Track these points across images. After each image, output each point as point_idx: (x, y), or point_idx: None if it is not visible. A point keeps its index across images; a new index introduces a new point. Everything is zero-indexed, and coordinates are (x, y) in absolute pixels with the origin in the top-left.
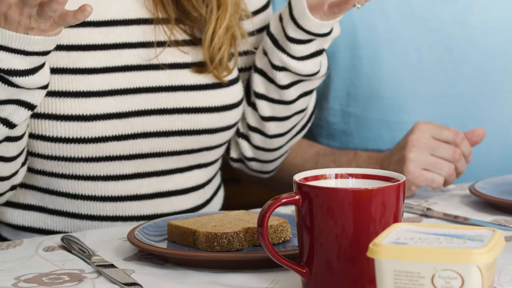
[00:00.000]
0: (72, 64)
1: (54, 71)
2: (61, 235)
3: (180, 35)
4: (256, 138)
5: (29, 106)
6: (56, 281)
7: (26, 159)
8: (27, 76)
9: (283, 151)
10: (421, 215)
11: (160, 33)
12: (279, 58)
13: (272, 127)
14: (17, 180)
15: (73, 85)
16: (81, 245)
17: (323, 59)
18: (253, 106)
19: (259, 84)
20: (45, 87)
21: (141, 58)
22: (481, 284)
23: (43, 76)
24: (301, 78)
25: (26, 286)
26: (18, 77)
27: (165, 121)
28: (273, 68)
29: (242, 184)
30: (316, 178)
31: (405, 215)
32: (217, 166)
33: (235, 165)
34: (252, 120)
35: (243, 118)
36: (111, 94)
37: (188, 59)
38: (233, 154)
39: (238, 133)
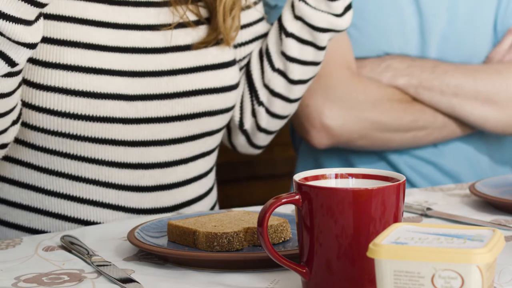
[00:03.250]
0: (86, 38)
1: (68, 43)
2: (60, 235)
3: (187, 16)
4: (277, 104)
5: (10, 62)
6: (56, 281)
7: (18, 119)
8: (11, 22)
9: (287, 120)
10: (421, 215)
11: (167, 15)
12: (325, 19)
13: (297, 90)
14: (6, 138)
15: (85, 60)
16: (81, 245)
17: None
18: (279, 71)
19: (292, 48)
20: (30, 46)
21: (148, 41)
22: (481, 284)
23: (30, 33)
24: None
25: (26, 286)
26: (2, 19)
27: (165, 106)
28: (316, 30)
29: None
30: (316, 178)
31: (405, 215)
32: (216, 154)
33: (240, 139)
34: (279, 86)
35: (265, 85)
36: (120, 74)
37: (189, 40)
38: (247, 125)
39: (258, 102)
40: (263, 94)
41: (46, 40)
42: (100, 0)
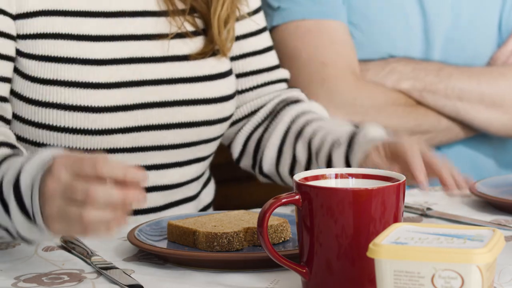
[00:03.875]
0: (82, 54)
1: (64, 60)
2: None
3: (184, 27)
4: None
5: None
6: (55, 281)
7: None
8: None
9: None
10: (421, 215)
11: (164, 25)
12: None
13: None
14: None
15: (82, 75)
16: (80, 245)
17: None
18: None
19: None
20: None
21: (146, 51)
22: (481, 284)
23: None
24: None
25: (26, 286)
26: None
27: (166, 113)
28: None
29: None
30: (316, 178)
31: (405, 215)
32: (210, 159)
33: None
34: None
35: (275, 162)
36: (117, 86)
37: (186, 50)
38: (244, 164)
39: (260, 169)
40: (267, 165)
41: (43, 58)
42: (96, 14)
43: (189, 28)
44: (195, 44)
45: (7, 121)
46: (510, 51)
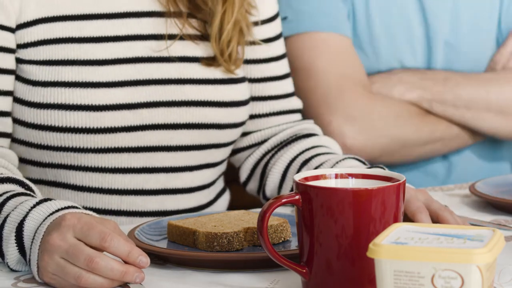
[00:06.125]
0: (84, 55)
1: (65, 62)
2: None
3: (191, 30)
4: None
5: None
6: None
7: None
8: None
9: None
10: None
11: (172, 26)
12: None
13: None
14: None
15: (82, 76)
16: None
17: None
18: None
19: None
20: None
21: (152, 50)
22: (481, 284)
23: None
24: None
25: (26, 286)
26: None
27: (173, 113)
28: None
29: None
30: (316, 178)
31: None
32: (222, 168)
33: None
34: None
35: (277, 187)
36: (121, 85)
37: (198, 53)
38: (249, 188)
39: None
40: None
41: (45, 62)
42: (97, 16)
43: (197, 31)
44: (206, 48)
45: (8, 136)
46: (509, 52)
